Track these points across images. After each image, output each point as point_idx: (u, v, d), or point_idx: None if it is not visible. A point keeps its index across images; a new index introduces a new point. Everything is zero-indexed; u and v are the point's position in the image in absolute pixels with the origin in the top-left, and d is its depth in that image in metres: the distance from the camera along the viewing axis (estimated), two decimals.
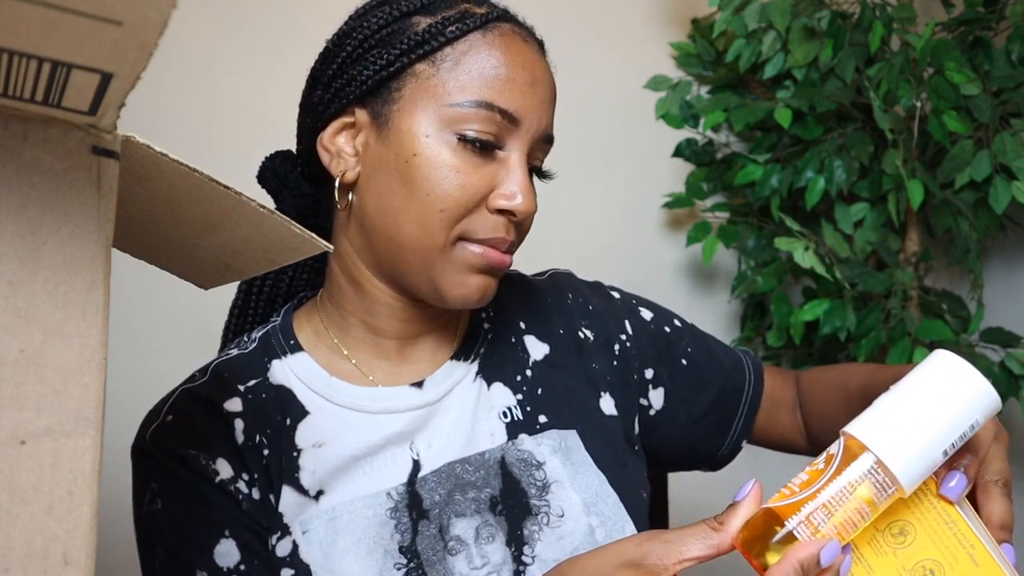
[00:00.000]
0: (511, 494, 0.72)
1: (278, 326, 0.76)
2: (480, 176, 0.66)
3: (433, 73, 0.67)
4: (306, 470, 0.69)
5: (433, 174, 0.65)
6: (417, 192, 0.66)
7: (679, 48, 1.64)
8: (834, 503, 0.51)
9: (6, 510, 0.36)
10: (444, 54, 0.67)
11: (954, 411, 0.52)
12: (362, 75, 0.68)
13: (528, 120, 0.68)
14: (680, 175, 1.65)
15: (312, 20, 1.47)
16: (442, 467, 0.71)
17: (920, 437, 0.52)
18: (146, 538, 0.68)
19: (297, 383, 0.72)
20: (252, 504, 0.67)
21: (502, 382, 0.77)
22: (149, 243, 0.54)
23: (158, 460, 0.68)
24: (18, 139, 0.37)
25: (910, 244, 1.48)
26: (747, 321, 1.65)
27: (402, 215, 0.67)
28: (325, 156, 0.70)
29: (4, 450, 0.36)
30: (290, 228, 0.47)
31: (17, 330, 0.37)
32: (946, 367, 0.53)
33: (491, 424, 0.75)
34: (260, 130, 1.42)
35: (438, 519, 0.70)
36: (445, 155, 0.66)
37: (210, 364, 0.74)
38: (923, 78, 1.37)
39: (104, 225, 0.39)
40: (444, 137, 0.66)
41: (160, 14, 0.31)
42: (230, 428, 0.69)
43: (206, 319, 1.39)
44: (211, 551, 0.65)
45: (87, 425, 0.38)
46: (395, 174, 0.67)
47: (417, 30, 0.68)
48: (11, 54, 0.32)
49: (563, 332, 0.82)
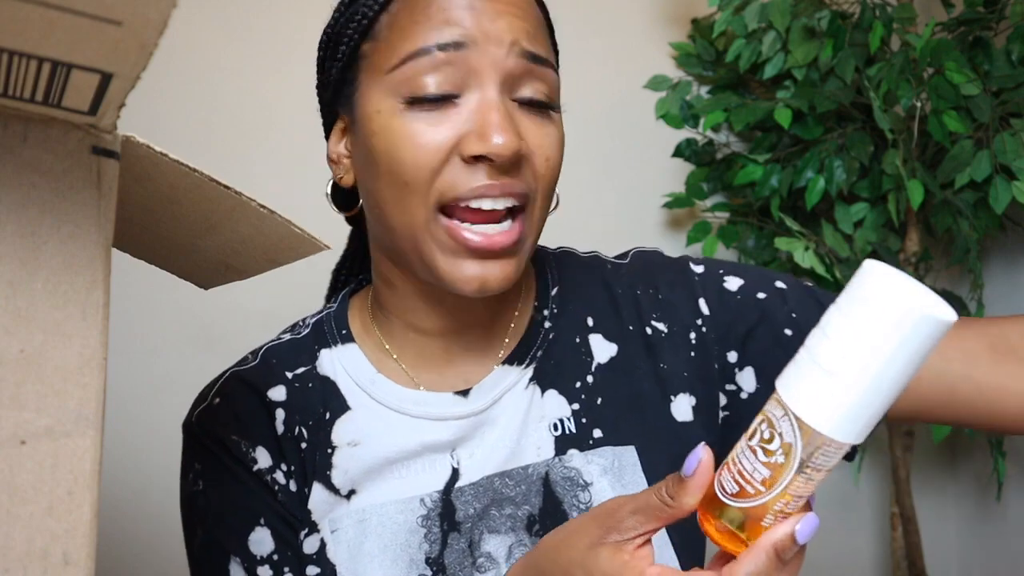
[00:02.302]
0: (550, 514, 0.67)
1: (333, 313, 0.73)
2: (441, 130, 0.59)
3: (374, 47, 0.62)
4: (338, 468, 0.67)
5: (389, 148, 0.60)
6: (383, 172, 0.61)
7: (679, 48, 1.64)
8: (796, 488, 0.45)
9: (6, 510, 0.36)
10: (381, 24, 0.62)
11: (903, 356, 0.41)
12: (329, 77, 0.66)
13: (482, 41, 0.58)
14: (680, 175, 1.65)
15: (313, 20, 1.46)
16: (481, 480, 0.67)
17: (874, 402, 0.43)
18: (188, 517, 0.69)
19: (343, 375, 0.70)
20: (288, 495, 0.66)
21: (557, 390, 0.70)
22: (149, 243, 0.54)
23: (202, 442, 0.68)
24: (18, 139, 0.37)
25: (910, 244, 1.48)
26: None
27: (383, 202, 0.62)
28: (332, 167, 0.69)
29: (4, 450, 0.36)
30: (290, 228, 0.47)
31: (17, 330, 0.37)
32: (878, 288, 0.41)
33: (539, 436, 0.69)
34: (260, 130, 1.42)
35: (469, 533, 0.66)
36: (395, 124, 0.60)
37: (262, 347, 0.72)
38: (923, 78, 1.37)
39: (104, 225, 0.39)
40: (393, 106, 0.60)
41: (160, 14, 0.31)
42: (271, 417, 0.68)
43: (206, 319, 1.39)
44: (246, 538, 0.65)
45: (87, 425, 0.38)
46: (367, 163, 0.63)
47: (357, 9, 0.64)
48: (11, 54, 0.32)
49: (632, 328, 0.73)
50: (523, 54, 0.60)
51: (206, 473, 0.67)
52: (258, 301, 1.32)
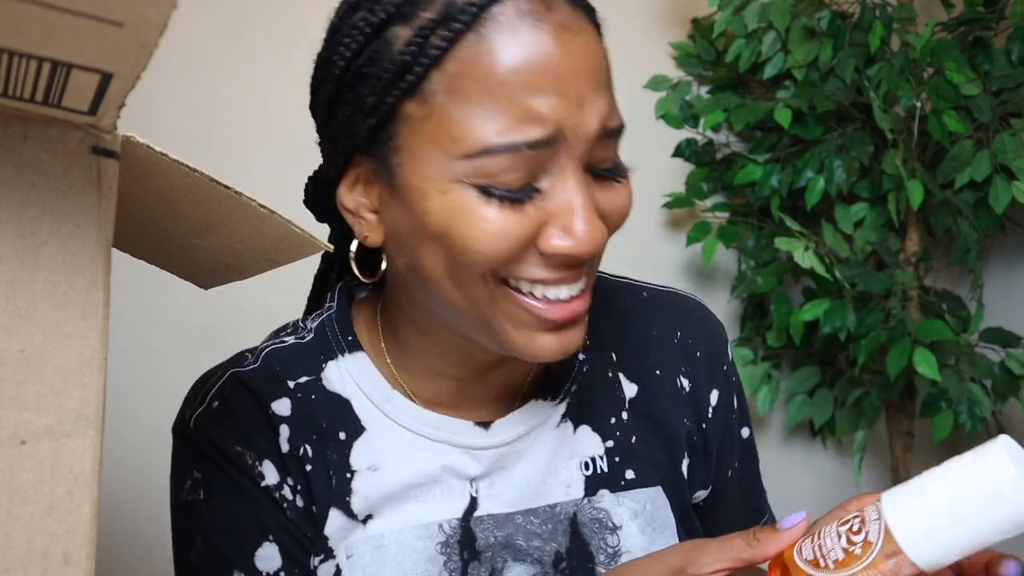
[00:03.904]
0: (577, 555, 0.65)
1: (334, 315, 0.67)
2: (520, 222, 0.53)
3: (426, 114, 0.53)
4: (358, 494, 0.63)
5: (456, 232, 0.53)
6: (440, 250, 0.55)
7: (679, 48, 1.64)
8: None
9: (6, 510, 0.36)
10: (433, 83, 0.52)
11: (1002, 521, 0.47)
12: (351, 124, 0.56)
13: (570, 130, 0.53)
14: (680, 175, 1.65)
15: (313, 20, 1.46)
16: (501, 514, 0.65)
17: (963, 547, 0.48)
18: (183, 526, 0.65)
19: (355, 392, 0.65)
20: (296, 512, 0.63)
21: (591, 426, 0.67)
22: (149, 243, 0.54)
23: (201, 450, 0.64)
24: (18, 139, 0.37)
25: (910, 244, 1.48)
26: (747, 321, 1.65)
27: (436, 278, 0.56)
28: (348, 217, 0.60)
29: (4, 450, 0.36)
30: (290, 228, 0.47)
31: (17, 330, 0.37)
32: (1001, 464, 0.47)
33: (569, 475, 0.66)
34: (260, 130, 1.42)
35: (490, 562, 0.64)
36: (466, 210, 0.53)
37: (262, 348, 0.67)
38: (923, 78, 1.37)
39: (104, 225, 0.39)
40: (461, 190, 0.53)
41: (160, 14, 0.31)
42: (275, 433, 0.64)
43: (206, 319, 1.39)
44: (252, 553, 0.62)
45: (87, 425, 0.38)
46: (415, 235, 0.56)
47: (395, 52, 0.53)
48: (11, 54, 0.32)
49: (659, 374, 0.70)
50: (605, 135, 0.55)
51: (208, 483, 0.64)
52: (258, 301, 1.32)
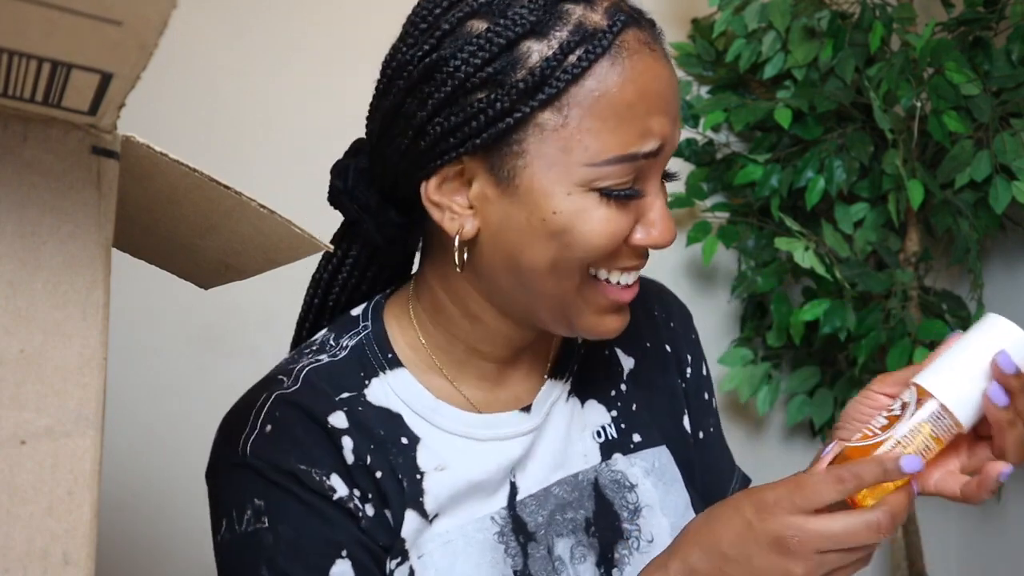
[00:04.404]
0: (603, 516, 0.71)
1: (371, 334, 0.70)
2: (624, 219, 0.62)
3: (560, 123, 0.59)
4: (430, 493, 0.66)
5: (577, 230, 0.61)
6: (556, 246, 0.61)
7: (679, 48, 1.64)
8: (906, 440, 0.61)
9: (6, 510, 0.36)
10: (570, 97, 0.59)
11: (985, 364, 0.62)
12: (471, 125, 0.60)
13: (667, 146, 0.63)
14: (680, 175, 1.65)
15: (313, 21, 1.46)
16: (540, 491, 0.70)
17: (975, 384, 0.61)
18: (244, 560, 0.64)
19: (402, 407, 0.68)
20: (370, 522, 0.64)
21: (596, 399, 0.75)
22: (149, 243, 0.54)
23: (263, 474, 0.63)
24: (18, 139, 0.37)
25: (910, 244, 1.48)
26: (747, 321, 1.65)
27: (538, 271, 0.63)
28: (435, 211, 0.63)
29: (4, 450, 0.36)
30: (290, 228, 0.47)
31: (17, 330, 0.37)
32: (993, 327, 0.63)
33: (585, 444, 0.73)
34: (260, 130, 1.42)
35: (545, 540, 0.69)
36: (590, 210, 0.61)
37: (297, 369, 0.68)
38: (923, 78, 1.37)
39: (104, 225, 0.39)
40: (585, 193, 0.61)
41: (160, 14, 0.31)
42: (337, 445, 0.65)
43: (206, 319, 1.39)
44: (326, 572, 0.62)
45: (87, 425, 0.38)
46: (529, 232, 0.62)
47: (532, 65, 0.58)
48: (11, 54, 0.32)
49: (649, 345, 0.80)
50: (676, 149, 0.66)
51: (272, 508, 0.63)
52: (258, 301, 1.32)
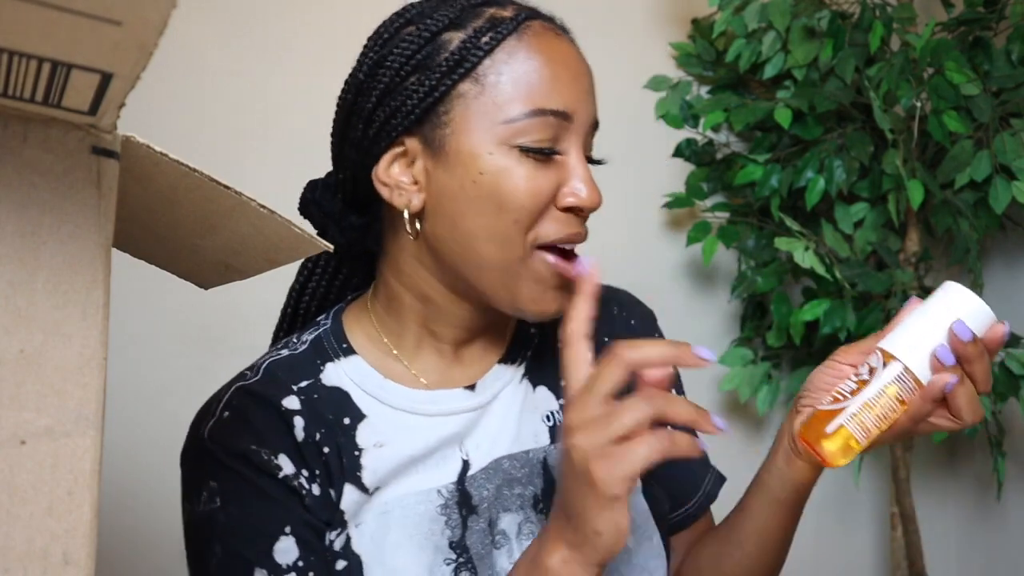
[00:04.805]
0: (551, 494, 0.73)
1: (329, 329, 0.76)
2: (546, 178, 0.67)
3: (479, 91, 0.67)
4: (368, 469, 0.70)
5: (502, 188, 0.66)
6: (489, 209, 0.67)
7: (679, 48, 1.64)
8: (872, 401, 0.66)
9: (6, 510, 0.36)
10: (484, 68, 0.67)
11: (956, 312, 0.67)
12: (406, 105, 0.68)
13: (579, 113, 0.69)
14: (680, 175, 1.65)
15: (312, 22, 1.46)
16: (490, 464, 0.73)
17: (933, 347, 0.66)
18: (200, 537, 0.69)
19: (352, 386, 0.73)
20: (313, 499, 0.68)
21: (546, 386, 0.79)
22: (149, 243, 0.54)
23: (216, 458, 0.68)
24: (18, 139, 0.37)
25: (910, 244, 1.48)
26: (747, 321, 1.65)
27: (478, 236, 0.68)
28: (384, 191, 0.70)
29: (4, 450, 0.36)
30: (290, 228, 0.47)
31: (17, 330, 0.37)
32: (950, 294, 0.67)
33: (535, 426, 0.77)
34: (260, 130, 1.42)
35: (487, 513, 0.72)
36: (511, 167, 0.67)
37: (260, 363, 0.74)
38: (923, 78, 1.37)
39: (104, 225, 0.39)
40: (505, 151, 0.67)
41: (160, 14, 0.31)
42: (289, 425, 0.69)
43: (206, 319, 1.39)
44: (271, 549, 0.66)
45: (87, 425, 0.38)
46: (463, 197, 0.67)
47: (452, 48, 0.67)
48: (11, 54, 0.32)
49: (607, 340, 0.82)
50: (595, 125, 0.72)
51: (224, 489, 0.68)
52: (258, 301, 1.32)
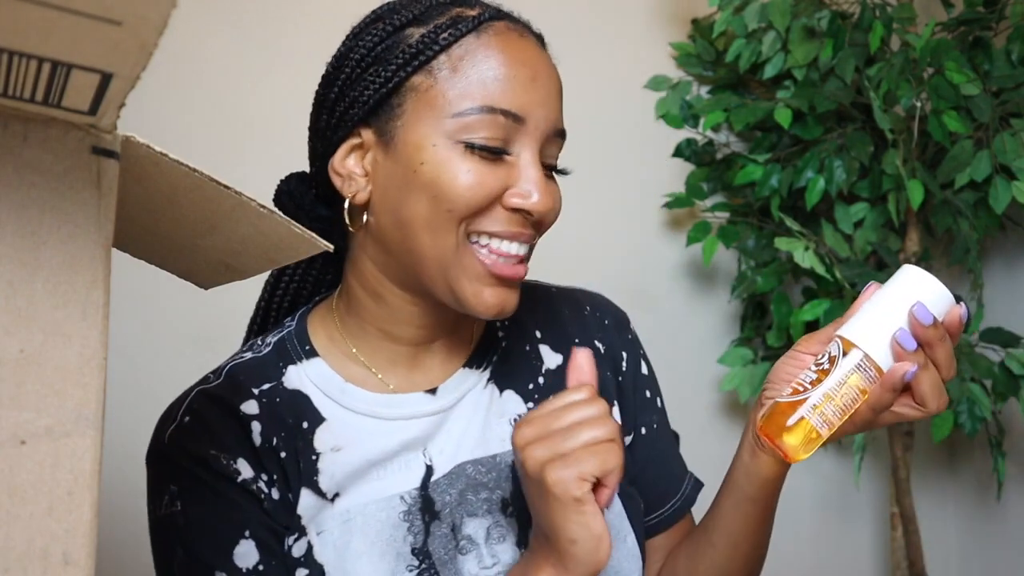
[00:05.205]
0: (521, 497, 0.72)
1: (293, 331, 0.76)
2: (493, 177, 0.66)
3: (431, 84, 0.67)
4: (325, 473, 0.70)
5: (440, 178, 0.66)
6: (426, 198, 0.66)
7: (679, 48, 1.64)
8: (833, 391, 0.64)
9: (6, 510, 0.36)
10: (439, 63, 0.67)
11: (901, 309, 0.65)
12: (363, 95, 0.68)
13: (534, 117, 0.67)
14: (680, 175, 1.65)
15: (311, 23, 1.46)
16: (453, 469, 0.73)
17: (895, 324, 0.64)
18: (163, 540, 0.69)
19: (313, 389, 0.72)
20: (272, 504, 0.68)
21: (514, 390, 0.78)
22: (149, 243, 0.54)
23: (177, 462, 0.68)
24: (18, 139, 0.37)
25: (910, 244, 1.48)
26: (747, 321, 1.65)
27: (416, 225, 0.67)
28: (337, 180, 0.70)
29: (4, 450, 0.36)
30: (290, 228, 0.47)
31: (17, 330, 0.37)
32: (909, 277, 0.66)
33: (501, 430, 0.76)
34: (259, 130, 1.42)
35: (450, 518, 0.71)
36: (453, 160, 0.66)
37: (223, 367, 0.74)
38: (923, 78, 1.37)
39: (104, 225, 0.39)
40: (451, 146, 0.66)
41: (160, 14, 0.31)
42: (247, 430, 0.69)
43: (206, 319, 1.39)
44: (231, 552, 0.66)
45: (87, 425, 0.38)
46: (405, 187, 0.67)
47: (411, 42, 0.68)
48: (11, 54, 0.32)
49: (578, 342, 0.82)
50: (557, 133, 0.70)
51: (184, 493, 0.68)
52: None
